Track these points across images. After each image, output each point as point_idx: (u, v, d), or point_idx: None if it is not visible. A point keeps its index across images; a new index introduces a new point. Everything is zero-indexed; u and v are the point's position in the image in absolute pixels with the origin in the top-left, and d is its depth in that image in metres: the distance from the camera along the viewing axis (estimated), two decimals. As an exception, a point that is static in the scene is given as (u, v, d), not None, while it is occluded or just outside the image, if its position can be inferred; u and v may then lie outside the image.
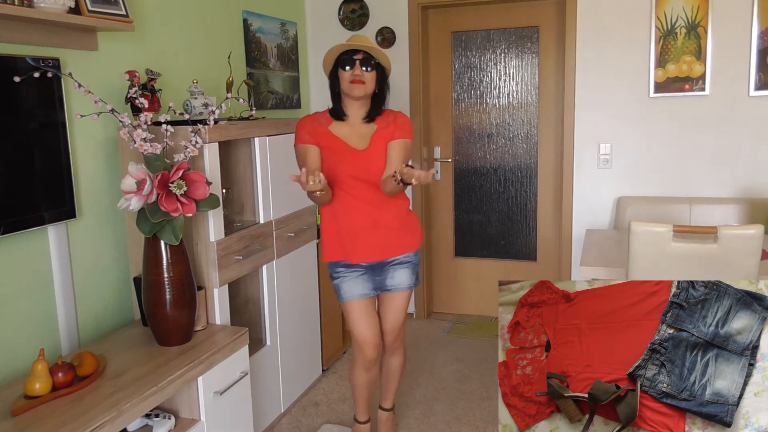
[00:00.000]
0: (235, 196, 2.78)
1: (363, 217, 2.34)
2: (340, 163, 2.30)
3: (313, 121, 2.36)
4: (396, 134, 2.33)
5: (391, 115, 2.38)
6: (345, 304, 2.45)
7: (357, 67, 2.23)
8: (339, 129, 2.34)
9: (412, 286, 2.49)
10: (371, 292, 2.45)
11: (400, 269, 2.45)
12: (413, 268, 2.48)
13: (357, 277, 2.42)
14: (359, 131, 2.34)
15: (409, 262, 2.46)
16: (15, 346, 2.08)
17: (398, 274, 2.45)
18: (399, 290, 2.46)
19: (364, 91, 2.26)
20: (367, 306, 2.45)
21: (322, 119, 2.36)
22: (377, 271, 2.44)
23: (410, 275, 2.47)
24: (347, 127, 2.35)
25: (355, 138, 2.34)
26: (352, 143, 2.32)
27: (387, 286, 2.46)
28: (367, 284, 2.43)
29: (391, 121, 2.35)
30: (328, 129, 2.33)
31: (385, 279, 2.45)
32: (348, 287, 2.42)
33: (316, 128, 2.33)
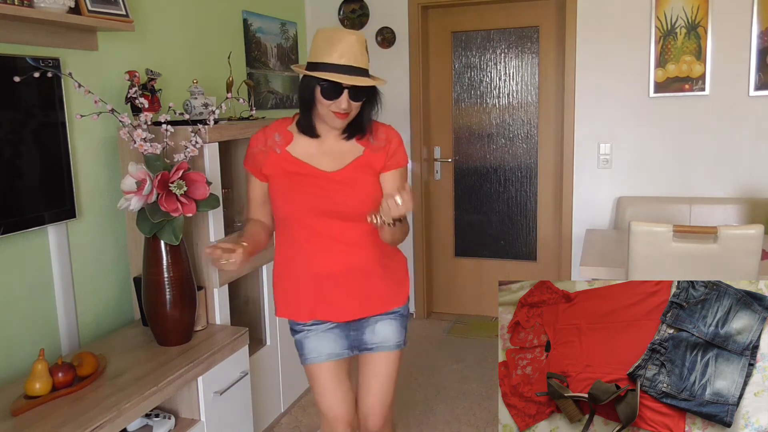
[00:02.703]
0: (235, 196, 2.78)
1: (332, 261, 1.76)
2: (301, 194, 1.74)
3: (267, 139, 1.79)
4: (389, 164, 1.79)
5: (382, 134, 1.81)
6: (308, 367, 1.87)
7: (344, 100, 1.65)
8: (303, 147, 1.77)
9: (401, 345, 1.89)
10: (345, 352, 1.86)
11: (385, 322, 1.86)
12: (402, 321, 1.90)
13: (326, 331, 1.84)
14: (333, 149, 1.77)
15: (396, 312, 1.88)
16: (15, 346, 2.08)
17: (382, 329, 1.86)
18: (384, 349, 1.87)
19: (348, 120, 1.72)
20: (339, 370, 1.87)
21: (282, 134, 1.79)
22: (354, 324, 1.86)
23: (398, 330, 1.88)
24: (316, 143, 1.77)
25: (325, 158, 1.76)
26: (319, 164, 1.75)
27: (367, 344, 1.86)
28: (339, 341, 1.85)
29: (382, 144, 1.79)
30: (286, 150, 1.77)
31: (362, 334, 1.86)
32: (314, 345, 1.84)
33: (270, 149, 1.78)
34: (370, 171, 1.77)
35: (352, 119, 1.73)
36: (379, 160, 1.78)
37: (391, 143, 1.81)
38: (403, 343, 1.91)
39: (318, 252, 1.77)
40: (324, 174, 1.74)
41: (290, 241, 1.82)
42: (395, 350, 1.89)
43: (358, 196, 1.74)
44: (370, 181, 1.77)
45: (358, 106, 1.70)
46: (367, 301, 1.82)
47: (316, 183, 1.74)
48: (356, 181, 1.75)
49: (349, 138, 1.78)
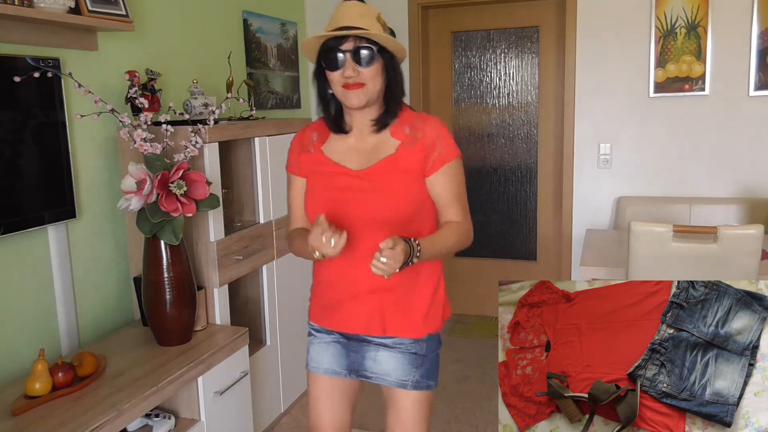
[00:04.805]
0: (235, 196, 2.78)
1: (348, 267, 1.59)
2: (325, 194, 1.61)
3: (303, 139, 1.71)
4: (431, 161, 1.56)
5: (419, 123, 1.58)
6: (308, 373, 1.79)
7: (348, 64, 1.50)
8: (336, 145, 1.64)
9: (407, 384, 1.63)
10: (343, 371, 1.71)
11: (387, 353, 1.64)
12: (409, 358, 1.63)
13: (330, 343, 1.72)
14: (365, 145, 1.60)
15: (402, 344, 1.63)
16: (15, 346, 2.07)
17: (384, 359, 1.64)
18: (385, 383, 1.66)
19: (365, 96, 1.53)
20: (335, 389, 1.74)
21: (318, 133, 1.69)
22: (355, 345, 1.68)
23: (403, 366, 1.63)
24: (349, 140, 1.62)
25: (355, 155, 1.60)
26: (348, 162, 1.60)
27: (366, 371, 1.67)
28: (340, 359, 1.71)
29: (418, 136, 1.56)
30: (320, 149, 1.66)
31: (363, 359, 1.67)
32: (316, 354, 1.75)
33: (305, 149, 1.69)
34: (401, 170, 1.55)
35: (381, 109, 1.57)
36: (413, 157, 1.55)
37: (427, 134, 1.56)
38: (411, 384, 1.63)
39: (345, 270, 1.61)
40: (349, 172, 1.58)
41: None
42: (409, 390, 1.63)
43: (382, 199, 1.54)
44: (399, 182, 1.55)
45: (370, 75, 1.51)
46: (372, 318, 1.61)
47: (342, 182, 1.58)
48: (382, 182, 1.55)
49: (380, 128, 1.58)
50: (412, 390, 1.64)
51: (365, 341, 1.66)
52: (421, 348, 1.64)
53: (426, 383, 1.65)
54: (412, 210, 1.56)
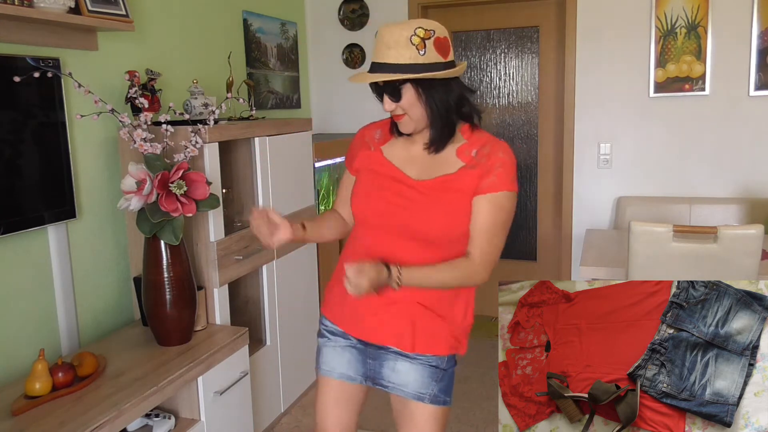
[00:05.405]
0: (235, 196, 2.78)
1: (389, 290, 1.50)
2: (377, 196, 1.58)
3: (365, 135, 1.70)
4: (482, 184, 1.50)
5: (486, 149, 1.53)
6: (319, 377, 1.75)
7: (386, 99, 1.50)
8: (397, 149, 1.61)
9: (424, 398, 1.61)
10: (358, 378, 1.68)
11: (408, 364, 1.61)
12: (431, 372, 1.61)
13: (344, 347, 1.68)
14: (428, 157, 1.57)
15: (422, 357, 1.61)
16: (15, 346, 2.07)
17: (404, 369, 1.61)
18: (402, 394, 1.63)
19: (412, 124, 1.52)
20: (346, 394, 1.71)
21: (383, 132, 1.67)
22: (373, 352, 1.65)
23: (423, 379, 1.61)
24: (412, 148, 1.59)
25: (416, 164, 1.57)
26: (406, 169, 1.57)
27: (383, 380, 1.64)
28: (355, 364, 1.68)
29: (483, 161, 1.52)
30: (380, 148, 1.64)
31: (381, 367, 1.64)
32: (329, 358, 1.71)
33: (366, 145, 1.68)
34: (459, 191, 1.51)
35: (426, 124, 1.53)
36: (471, 179, 1.51)
37: (491, 159, 1.51)
38: (429, 397, 1.61)
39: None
40: (407, 180, 1.55)
41: (353, 240, 1.68)
42: (426, 403, 1.61)
43: (433, 216, 1.51)
44: (454, 202, 1.51)
45: (407, 105, 1.48)
46: (403, 332, 1.58)
47: (396, 189, 1.56)
48: (438, 198, 1.51)
49: (435, 151, 1.55)
50: (429, 404, 1.61)
51: (384, 349, 1.62)
52: (442, 362, 1.63)
53: (443, 398, 1.64)
54: (459, 231, 1.53)
